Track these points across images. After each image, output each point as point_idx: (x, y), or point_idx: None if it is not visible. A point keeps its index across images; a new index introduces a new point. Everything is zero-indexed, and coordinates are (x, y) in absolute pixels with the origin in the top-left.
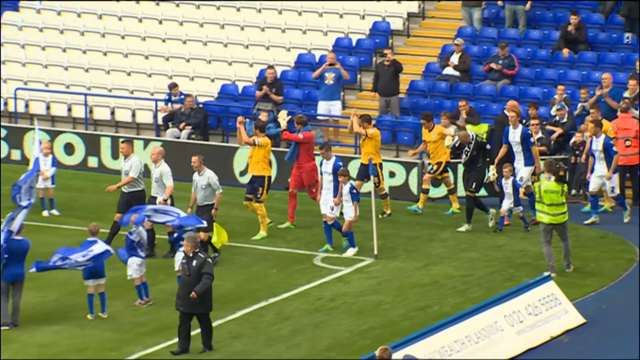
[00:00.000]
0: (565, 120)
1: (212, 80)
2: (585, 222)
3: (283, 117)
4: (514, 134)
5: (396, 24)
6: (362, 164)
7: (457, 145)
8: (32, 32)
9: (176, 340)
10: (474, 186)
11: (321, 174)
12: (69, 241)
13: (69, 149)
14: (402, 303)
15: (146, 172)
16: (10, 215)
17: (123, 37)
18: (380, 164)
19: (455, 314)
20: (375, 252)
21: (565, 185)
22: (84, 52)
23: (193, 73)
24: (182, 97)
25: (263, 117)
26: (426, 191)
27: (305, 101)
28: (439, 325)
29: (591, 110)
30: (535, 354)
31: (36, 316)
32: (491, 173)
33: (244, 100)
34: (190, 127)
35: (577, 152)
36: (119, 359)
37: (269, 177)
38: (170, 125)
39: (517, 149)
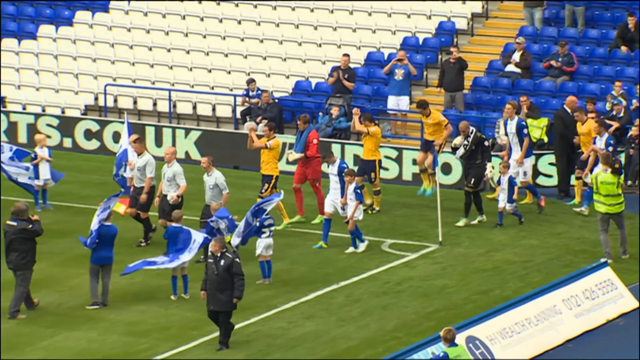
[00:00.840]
0: (622, 114)
1: (287, 77)
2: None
3: (294, 157)
4: (511, 126)
5: (461, 24)
6: (362, 160)
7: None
8: (120, 31)
9: (253, 320)
10: (472, 182)
11: (327, 174)
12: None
13: (116, 137)
14: (465, 287)
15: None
16: (107, 204)
17: (204, 37)
18: (380, 161)
19: (515, 297)
20: (440, 238)
21: (621, 177)
22: (168, 50)
23: (269, 70)
24: (259, 92)
25: (334, 111)
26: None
27: (374, 96)
28: (500, 308)
29: (575, 114)
30: (592, 335)
31: (124, 296)
32: (488, 171)
33: (317, 96)
34: (266, 121)
35: (633, 145)
36: (200, 336)
37: (277, 177)
38: (248, 119)
39: (514, 140)
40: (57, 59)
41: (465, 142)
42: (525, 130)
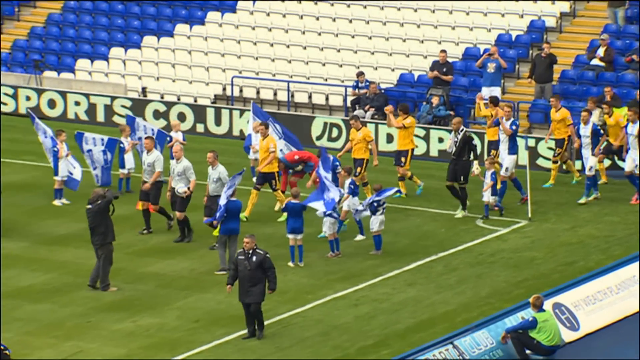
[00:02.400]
0: None
1: (392, 70)
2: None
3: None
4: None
5: (550, 22)
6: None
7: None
8: (246, 30)
9: (361, 286)
10: (462, 179)
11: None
12: (273, 202)
13: (180, 117)
14: (552, 259)
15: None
16: (232, 181)
17: (319, 34)
18: (367, 160)
19: (598, 268)
20: (529, 215)
21: None
22: (287, 46)
23: (376, 64)
24: (367, 83)
25: (435, 100)
26: (402, 178)
27: (470, 87)
28: (584, 277)
29: (551, 101)
30: None
31: None
32: (475, 167)
33: (419, 87)
34: (373, 109)
35: None
36: (314, 300)
37: (278, 172)
38: (357, 107)
39: (504, 139)
40: (191, 54)
41: (455, 139)
42: (515, 129)
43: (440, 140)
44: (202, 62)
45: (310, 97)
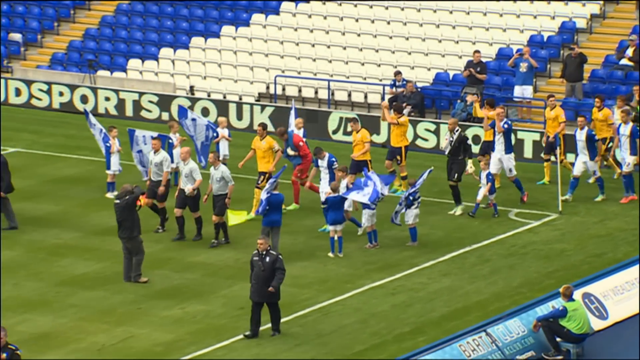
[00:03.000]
0: None
1: (429, 69)
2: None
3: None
4: (499, 126)
5: (581, 23)
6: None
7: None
8: (288, 31)
9: (397, 276)
10: (456, 177)
11: (316, 165)
12: (312, 195)
13: (204, 112)
14: (581, 251)
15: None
16: (275, 179)
17: (359, 35)
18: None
19: (626, 260)
20: (560, 208)
21: None
22: (328, 47)
23: (413, 63)
24: (404, 82)
25: (469, 98)
26: (404, 177)
27: (503, 86)
28: (612, 268)
29: (549, 100)
30: None
31: (289, 255)
32: (469, 166)
33: (454, 85)
34: (410, 107)
35: None
36: (354, 289)
37: (270, 172)
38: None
39: (500, 140)
40: (236, 54)
41: (451, 139)
42: (507, 127)
43: None
44: (247, 62)
45: (349, 95)
